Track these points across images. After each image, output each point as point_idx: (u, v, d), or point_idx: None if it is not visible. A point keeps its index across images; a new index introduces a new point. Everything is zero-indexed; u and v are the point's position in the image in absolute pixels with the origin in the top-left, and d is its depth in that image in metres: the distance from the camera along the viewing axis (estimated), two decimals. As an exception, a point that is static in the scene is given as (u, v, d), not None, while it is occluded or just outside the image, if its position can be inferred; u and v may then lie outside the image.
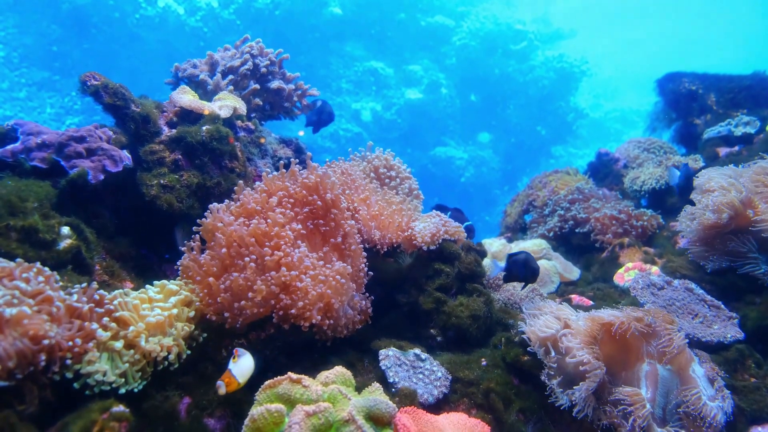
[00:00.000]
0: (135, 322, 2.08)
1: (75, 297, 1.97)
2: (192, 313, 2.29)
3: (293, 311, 2.26)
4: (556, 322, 2.40)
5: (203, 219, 2.54)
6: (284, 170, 2.79)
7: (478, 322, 2.77)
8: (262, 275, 2.30)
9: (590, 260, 4.12)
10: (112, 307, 2.07)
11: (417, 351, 2.50)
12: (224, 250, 2.36)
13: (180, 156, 2.97)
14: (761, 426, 2.35)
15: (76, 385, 1.85)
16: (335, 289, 2.36)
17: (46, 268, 2.00)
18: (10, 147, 2.64)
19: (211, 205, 2.58)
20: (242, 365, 2.00)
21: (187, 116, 3.18)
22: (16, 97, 13.87)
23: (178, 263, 2.52)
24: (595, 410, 2.17)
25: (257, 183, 2.80)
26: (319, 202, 2.66)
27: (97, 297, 2.06)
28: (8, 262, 1.92)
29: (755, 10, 26.73)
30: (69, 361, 1.83)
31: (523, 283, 2.96)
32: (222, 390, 1.93)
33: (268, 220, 2.44)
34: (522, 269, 2.80)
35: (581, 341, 2.20)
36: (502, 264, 2.85)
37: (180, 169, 2.95)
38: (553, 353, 2.31)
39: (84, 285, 2.08)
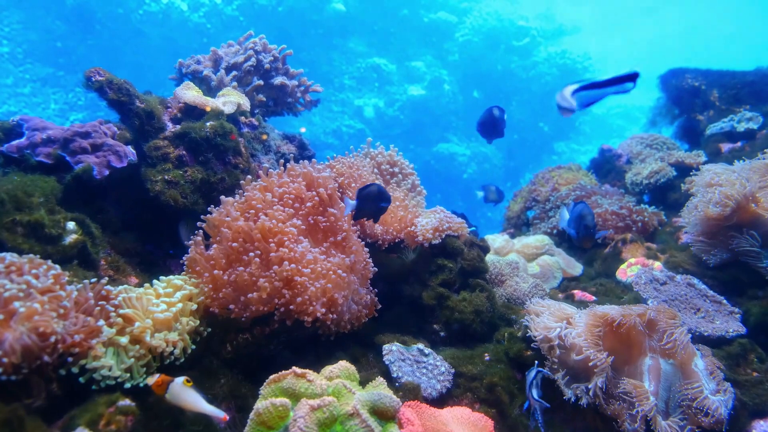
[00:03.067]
0: (141, 318, 2.09)
1: (83, 293, 1.99)
2: (194, 306, 2.30)
3: (292, 307, 2.27)
4: (559, 319, 2.41)
5: (209, 215, 2.56)
6: (282, 168, 2.80)
7: (480, 317, 2.79)
8: (266, 271, 2.31)
9: (593, 256, 4.12)
10: (117, 302, 2.09)
11: (420, 346, 2.51)
12: (234, 244, 2.37)
13: (184, 152, 2.98)
14: (763, 420, 2.36)
15: (81, 379, 1.86)
16: (335, 283, 2.38)
17: (57, 266, 2.02)
18: (15, 142, 2.66)
19: (223, 198, 2.59)
20: (187, 393, 1.81)
21: (191, 112, 3.19)
22: (21, 93, 13.91)
23: (183, 258, 2.54)
24: (600, 404, 2.18)
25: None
26: (317, 198, 2.68)
27: (104, 293, 2.07)
28: (17, 256, 1.93)
29: (758, 5, 26.65)
30: (71, 359, 1.85)
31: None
32: (150, 382, 1.83)
33: (267, 219, 2.45)
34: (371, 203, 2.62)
35: (585, 338, 2.21)
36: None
37: (184, 165, 2.97)
38: (556, 349, 2.32)
39: (94, 281, 2.10)
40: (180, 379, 1.81)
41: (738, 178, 3.09)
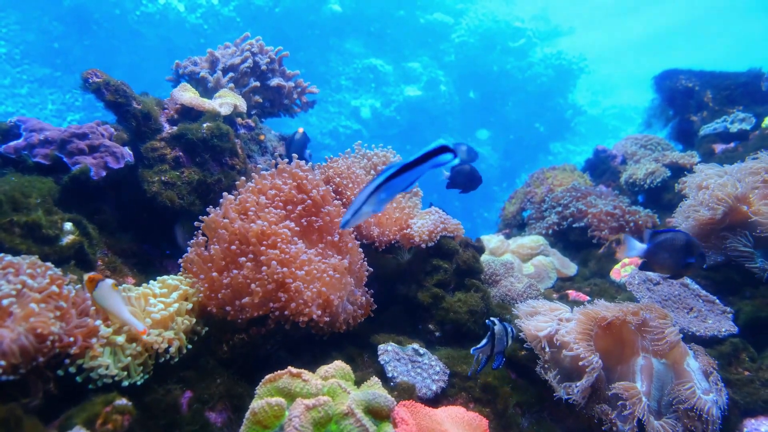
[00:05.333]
0: (140, 317, 2.10)
1: (80, 293, 2.00)
2: (189, 306, 2.31)
3: (286, 312, 2.28)
4: (551, 318, 2.43)
5: (207, 215, 2.56)
6: (274, 169, 2.81)
7: (475, 317, 2.81)
8: (259, 273, 2.32)
9: (587, 256, 4.14)
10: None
11: (415, 346, 2.53)
12: (233, 246, 2.38)
13: (181, 153, 3.00)
14: (755, 418, 2.38)
15: (79, 378, 1.87)
16: (331, 285, 2.38)
17: (58, 270, 2.03)
18: (13, 143, 2.66)
19: (225, 195, 2.60)
20: (112, 296, 1.95)
21: (188, 113, 3.20)
22: (18, 94, 13.87)
23: (180, 259, 2.55)
24: (592, 403, 2.20)
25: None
26: (309, 200, 2.69)
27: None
28: (14, 257, 1.95)
29: (753, 7, 26.70)
30: (69, 359, 1.86)
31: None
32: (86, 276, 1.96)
33: (264, 222, 2.46)
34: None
35: (576, 336, 2.23)
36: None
37: (181, 166, 2.98)
38: (547, 348, 2.34)
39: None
40: (109, 281, 1.94)
41: (729, 180, 3.11)
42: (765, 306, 2.92)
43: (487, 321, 2.27)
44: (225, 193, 2.61)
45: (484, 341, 2.20)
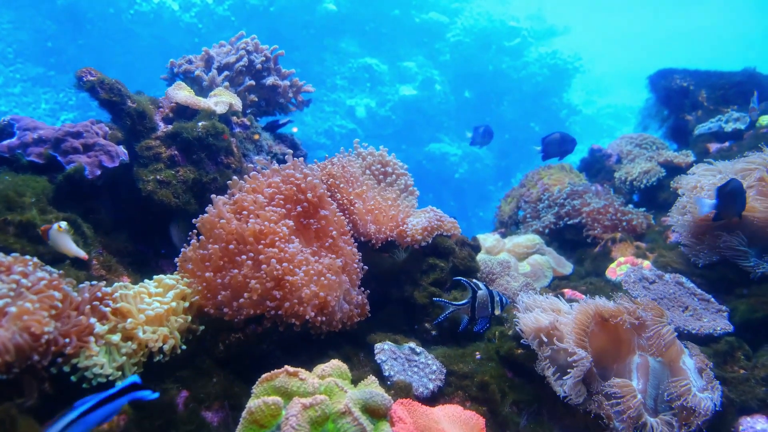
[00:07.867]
0: (135, 314, 2.09)
1: (76, 292, 1.99)
2: (186, 304, 2.30)
3: (281, 312, 2.28)
4: (549, 313, 2.43)
5: (203, 215, 2.55)
6: (264, 169, 2.80)
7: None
8: (258, 272, 2.31)
9: (583, 255, 4.15)
10: (111, 301, 2.09)
11: (412, 345, 2.53)
12: (231, 246, 2.37)
13: (176, 152, 2.99)
14: (750, 416, 2.39)
15: (73, 378, 1.86)
16: (326, 286, 2.38)
17: (52, 269, 2.01)
18: (6, 142, 2.65)
19: (214, 197, 2.58)
20: (60, 237, 2.24)
21: (183, 112, 3.19)
22: (11, 93, 13.82)
23: (176, 258, 2.53)
24: (588, 401, 2.20)
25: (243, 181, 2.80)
26: (307, 200, 2.68)
27: (99, 294, 2.07)
28: (6, 256, 1.93)
29: (748, 5, 26.83)
30: (62, 359, 1.85)
31: None
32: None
33: (262, 220, 2.45)
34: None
35: (572, 330, 2.24)
36: None
37: (176, 165, 2.97)
38: (546, 344, 2.34)
39: (94, 283, 2.10)
40: (54, 225, 2.22)
41: (721, 180, 3.12)
42: (760, 305, 2.92)
43: (462, 279, 2.32)
44: (213, 196, 2.59)
45: (464, 300, 2.24)
